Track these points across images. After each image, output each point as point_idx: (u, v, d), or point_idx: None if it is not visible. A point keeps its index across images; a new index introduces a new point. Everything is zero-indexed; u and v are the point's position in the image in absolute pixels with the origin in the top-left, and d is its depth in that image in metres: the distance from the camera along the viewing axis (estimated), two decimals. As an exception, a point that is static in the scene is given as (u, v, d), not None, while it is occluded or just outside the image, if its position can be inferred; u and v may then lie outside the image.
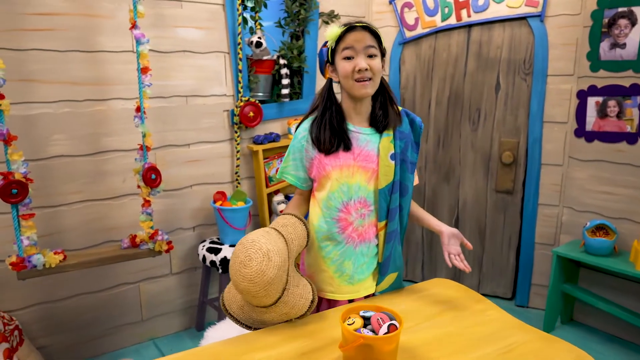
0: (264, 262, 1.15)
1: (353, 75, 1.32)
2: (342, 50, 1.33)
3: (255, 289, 1.15)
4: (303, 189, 1.48)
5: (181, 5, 2.31)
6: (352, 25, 1.32)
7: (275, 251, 1.19)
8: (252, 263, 1.15)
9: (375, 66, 1.33)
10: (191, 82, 2.40)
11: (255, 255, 1.16)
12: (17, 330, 2.03)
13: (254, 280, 1.14)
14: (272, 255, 1.17)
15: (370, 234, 1.46)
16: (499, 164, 2.81)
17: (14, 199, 1.77)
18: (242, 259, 1.16)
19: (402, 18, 2.87)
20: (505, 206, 2.84)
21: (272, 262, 1.16)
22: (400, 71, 2.99)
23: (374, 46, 1.33)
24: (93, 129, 2.17)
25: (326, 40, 1.39)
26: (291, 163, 1.45)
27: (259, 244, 1.18)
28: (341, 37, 1.33)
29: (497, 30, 2.69)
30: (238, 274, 1.16)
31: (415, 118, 1.50)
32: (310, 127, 1.41)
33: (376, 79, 1.36)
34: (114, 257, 1.99)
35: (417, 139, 1.50)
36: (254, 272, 1.14)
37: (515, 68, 2.68)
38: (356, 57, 1.32)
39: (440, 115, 2.93)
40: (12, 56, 1.95)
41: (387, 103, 1.44)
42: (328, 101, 1.41)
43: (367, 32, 1.33)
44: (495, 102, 2.77)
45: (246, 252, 1.16)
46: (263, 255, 1.16)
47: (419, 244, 3.16)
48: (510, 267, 2.90)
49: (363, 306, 1.19)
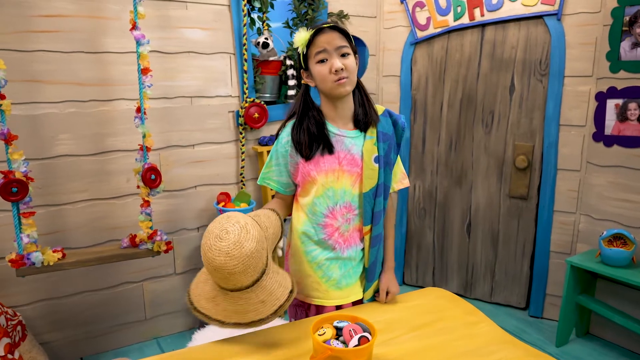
0: (241, 233, 1.07)
1: (330, 77, 1.29)
2: (315, 54, 1.30)
3: (233, 262, 1.05)
4: (286, 194, 1.45)
5: (186, 7, 2.31)
6: (320, 27, 1.30)
7: (252, 224, 1.11)
8: (228, 235, 1.06)
9: (349, 64, 1.31)
10: (196, 82, 2.40)
11: (232, 227, 1.07)
12: (20, 326, 2.07)
13: (231, 253, 1.05)
14: (249, 227, 1.09)
15: (355, 238, 1.43)
16: (512, 169, 2.70)
17: (14, 197, 1.80)
18: (218, 233, 1.07)
19: (414, 18, 2.81)
20: (520, 212, 2.74)
21: (250, 234, 1.08)
22: (412, 72, 2.92)
23: (346, 45, 1.30)
24: (98, 129, 2.20)
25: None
26: (274, 169, 1.42)
27: (235, 217, 1.10)
28: (311, 41, 1.30)
29: (511, 30, 2.59)
30: (213, 248, 1.06)
31: (398, 118, 1.46)
32: (291, 132, 1.38)
33: (352, 77, 1.33)
34: (112, 256, 2.01)
35: (398, 139, 1.47)
36: (231, 244, 1.05)
37: (530, 69, 2.57)
38: (330, 59, 1.29)
39: (453, 118, 2.85)
40: (19, 57, 2.00)
41: (365, 100, 1.40)
42: (305, 106, 1.38)
43: (337, 32, 1.30)
44: (510, 104, 2.66)
45: (221, 226, 1.08)
46: (241, 227, 1.08)
47: (430, 249, 3.08)
48: (524, 276, 2.79)
49: (338, 316, 1.15)
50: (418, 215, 3.09)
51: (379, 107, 1.47)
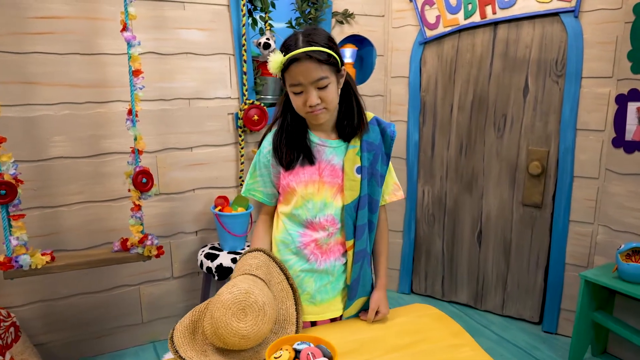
0: (259, 316, 1.05)
1: (305, 108, 1.21)
2: (289, 85, 1.20)
3: (247, 343, 1.04)
4: (271, 204, 1.39)
5: (183, 7, 2.27)
6: (295, 56, 1.15)
7: (269, 303, 1.08)
8: (247, 318, 1.04)
9: (327, 97, 1.20)
10: (194, 84, 2.36)
11: (250, 309, 1.04)
12: (14, 327, 2.07)
13: (248, 336, 1.03)
14: (267, 308, 1.07)
15: (336, 252, 1.34)
16: (526, 175, 2.55)
17: (3, 200, 1.79)
18: (235, 311, 1.04)
19: (423, 16, 2.69)
20: (533, 221, 2.58)
21: (267, 316, 1.06)
22: (421, 73, 2.80)
23: (324, 76, 1.17)
24: (93, 131, 2.19)
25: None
26: (259, 179, 1.36)
27: (255, 296, 1.06)
28: (287, 67, 1.18)
29: (525, 28, 2.44)
30: (229, 329, 1.02)
31: (387, 127, 1.36)
32: (272, 140, 1.31)
33: (331, 107, 1.23)
34: (102, 260, 1.99)
35: (387, 149, 1.37)
36: (249, 327, 1.03)
37: (545, 69, 2.42)
38: (305, 92, 1.19)
39: (463, 121, 2.72)
40: (14, 59, 2.00)
41: (354, 109, 1.31)
42: (286, 112, 1.30)
43: (314, 62, 1.15)
44: (523, 106, 2.52)
45: (240, 304, 1.04)
46: (259, 309, 1.05)
47: (439, 258, 2.96)
48: (538, 289, 2.63)
49: (301, 337, 1.07)
50: (427, 222, 2.96)
51: (367, 114, 1.38)
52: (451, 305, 2.94)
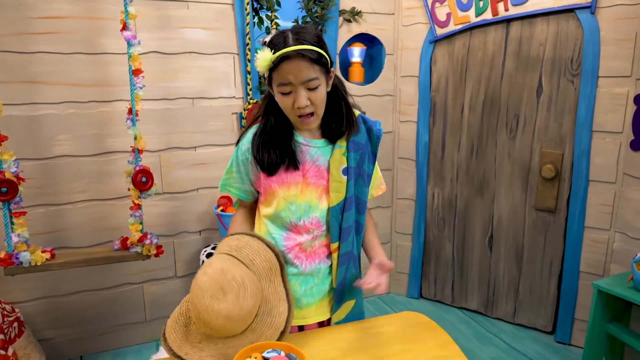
0: (240, 292, 1.00)
1: (293, 111, 1.16)
2: (278, 85, 1.13)
3: (232, 324, 1.00)
4: (248, 200, 1.35)
5: (187, 6, 2.27)
6: (286, 53, 1.09)
7: (249, 278, 1.03)
8: (226, 297, 0.99)
9: (317, 99, 1.15)
10: (198, 83, 2.36)
11: (229, 286, 0.99)
12: (17, 322, 2.11)
13: (232, 315, 0.99)
14: (247, 283, 1.02)
15: (321, 254, 1.30)
16: (539, 178, 2.45)
17: (4, 197, 1.82)
18: (213, 293, 0.98)
19: (433, 14, 2.62)
20: (547, 226, 2.48)
21: (248, 291, 1.01)
22: (432, 72, 2.73)
23: (315, 77, 1.12)
24: (97, 129, 2.21)
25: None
26: (235, 176, 1.32)
27: (231, 272, 1.01)
28: (275, 66, 1.11)
29: (539, 25, 2.34)
30: (210, 311, 0.98)
31: (373, 125, 1.32)
32: (252, 141, 1.26)
33: (319, 111, 1.19)
34: (101, 258, 2.00)
35: (374, 148, 1.32)
36: (230, 305, 0.98)
37: (560, 68, 2.32)
38: (294, 92, 1.13)
39: (474, 121, 2.63)
40: (19, 59, 2.03)
41: (342, 109, 1.26)
42: (268, 114, 1.24)
43: (305, 61, 1.10)
44: (537, 107, 2.42)
45: (217, 284, 0.99)
46: (238, 285, 1.00)
47: (449, 262, 2.88)
48: (551, 297, 2.52)
49: (273, 344, 1.03)
50: (437, 225, 2.89)
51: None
52: (461, 312, 2.85)
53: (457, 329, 2.65)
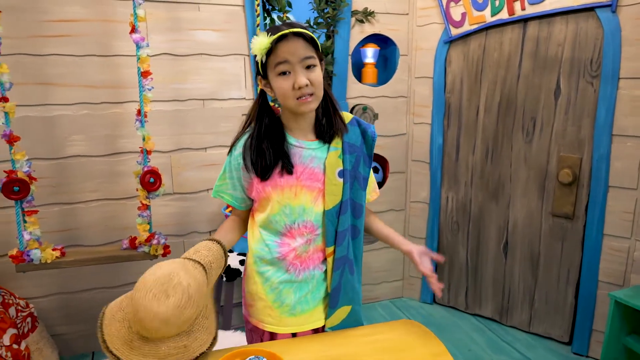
0: (183, 300, 0.96)
1: (293, 93, 1.14)
2: (275, 65, 1.13)
3: (168, 329, 0.97)
4: (241, 209, 1.33)
5: (198, 8, 2.29)
6: (283, 33, 1.11)
7: (196, 287, 1.00)
8: (168, 301, 0.95)
9: (316, 79, 1.14)
10: (208, 85, 2.37)
11: (172, 291, 0.96)
12: (31, 317, 2.16)
13: (170, 321, 0.96)
14: (192, 292, 0.98)
15: (315, 260, 1.28)
16: (556, 183, 2.37)
17: (16, 196, 1.87)
18: (156, 293, 0.95)
19: (448, 13, 2.56)
20: (564, 233, 2.39)
21: (191, 300, 0.98)
22: (446, 73, 2.67)
23: (312, 55, 1.14)
24: (109, 130, 2.25)
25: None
26: (228, 182, 1.30)
27: (179, 277, 0.98)
28: (272, 49, 1.12)
29: (558, 25, 2.26)
30: (148, 311, 0.95)
31: (367, 128, 1.30)
32: (244, 146, 1.26)
33: (319, 92, 1.17)
34: (110, 257, 2.03)
35: (369, 151, 1.30)
36: (169, 310, 0.95)
37: (579, 69, 2.23)
38: (293, 72, 1.12)
39: (490, 124, 2.56)
40: (33, 61, 2.08)
41: (330, 109, 1.25)
42: (261, 116, 1.24)
43: (302, 39, 1.12)
44: (554, 109, 2.33)
45: (161, 286, 0.96)
46: (182, 291, 0.97)
47: (463, 268, 2.81)
48: (568, 307, 2.43)
49: (256, 351, 1.02)
50: (450, 230, 2.83)
51: (346, 114, 1.32)
52: (475, 319, 2.78)
53: (470, 337, 2.59)
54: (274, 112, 1.26)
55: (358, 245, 1.34)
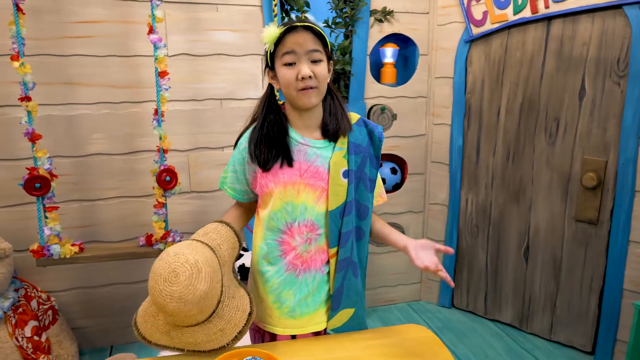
0: (193, 274, 0.98)
1: (296, 84, 1.15)
2: (282, 55, 1.15)
3: (187, 307, 0.99)
4: (243, 201, 1.35)
5: (217, 9, 2.31)
6: (292, 25, 1.14)
7: (204, 261, 1.01)
8: (178, 279, 0.98)
9: (320, 73, 1.15)
10: (226, 85, 2.39)
11: (181, 269, 0.98)
12: (52, 310, 2.23)
13: (185, 298, 0.98)
14: (201, 265, 1.00)
15: (317, 261, 1.27)
16: (580, 187, 2.29)
17: (37, 192, 1.93)
18: (166, 276, 0.98)
19: (469, 12, 2.51)
20: (587, 239, 2.31)
21: (202, 273, 0.99)
22: (467, 73, 2.62)
23: (319, 50, 1.15)
24: (129, 129, 2.29)
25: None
26: (231, 174, 1.32)
27: (184, 255, 1.00)
28: (280, 40, 1.15)
29: (583, 23, 2.18)
30: (163, 293, 0.98)
31: (374, 128, 1.29)
32: (248, 139, 1.27)
33: (322, 86, 1.18)
34: (126, 254, 2.08)
35: (376, 152, 1.29)
36: (183, 288, 0.97)
37: (605, 69, 2.15)
38: (298, 63, 1.14)
39: (511, 126, 2.49)
40: (57, 62, 2.14)
41: (338, 108, 1.25)
42: (268, 110, 1.25)
43: (310, 33, 1.14)
44: (579, 111, 2.25)
45: (170, 267, 0.99)
46: (191, 267, 0.99)
47: (482, 272, 2.75)
48: (591, 315, 2.35)
49: (252, 352, 1.02)
50: (470, 233, 2.77)
51: (353, 115, 1.31)
52: (494, 324, 2.72)
53: (487, 343, 2.53)
54: (280, 108, 1.27)
55: (363, 248, 1.32)
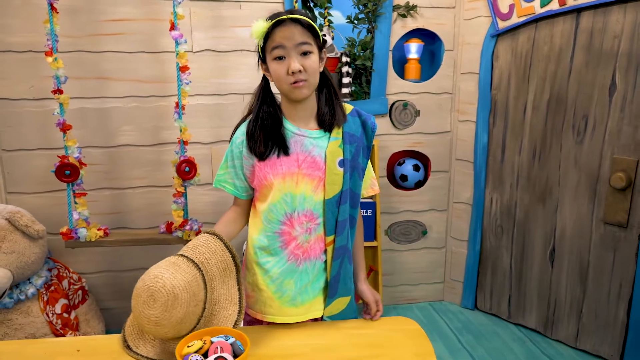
0: (168, 301, 1.02)
1: (286, 78, 1.17)
2: (272, 49, 1.18)
3: (164, 330, 1.04)
4: (243, 198, 1.36)
5: (240, 6, 2.38)
6: (280, 19, 1.16)
7: (182, 286, 1.04)
8: (155, 304, 1.02)
9: (310, 66, 1.17)
10: (248, 80, 2.46)
11: (158, 294, 1.02)
12: (82, 290, 2.38)
13: (161, 323, 1.02)
14: (178, 292, 1.03)
15: (316, 250, 1.30)
16: (609, 188, 2.17)
17: (67, 179, 2.07)
18: (145, 299, 1.03)
19: (495, 6, 2.43)
20: (616, 243, 2.19)
21: (178, 300, 1.02)
22: (493, 69, 2.54)
23: (308, 42, 1.16)
24: (156, 122, 2.41)
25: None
26: (229, 170, 1.33)
27: (162, 280, 1.03)
28: (269, 34, 1.17)
29: (614, 15, 2.07)
30: (142, 315, 1.03)
31: (367, 119, 1.31)
32: (246, 129, 1.31)
33: (312, 79, 1.20)
34: (147, 239, 2.18)
35: (369, 142, 1.32)
36: (158, 313, 1.02)
37: (637, 63, 2.03)
38: (288, 57, 1.16)
39: (538, 123, 2.40)
40: (91, 58, 2.29)
41: (333, 98, 1.27)
42: (262, 101, 1.28)
43: (299, 25, 1.15)
44: (609, 107, 2.14)
45: (148, 290, 1.02)
46: (167, 293, 1.02)
47: (506, 274, 2.66)
48: (619, 323, 2.23)
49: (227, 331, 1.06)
50: (494, 233, 2.69)
51: (346, 105, 1.33)
52: (517, 329, 2.63)
53: (508, 347, 2.45)
54: (274, 100, 1.30)
55: (353, 235, 1.35)
